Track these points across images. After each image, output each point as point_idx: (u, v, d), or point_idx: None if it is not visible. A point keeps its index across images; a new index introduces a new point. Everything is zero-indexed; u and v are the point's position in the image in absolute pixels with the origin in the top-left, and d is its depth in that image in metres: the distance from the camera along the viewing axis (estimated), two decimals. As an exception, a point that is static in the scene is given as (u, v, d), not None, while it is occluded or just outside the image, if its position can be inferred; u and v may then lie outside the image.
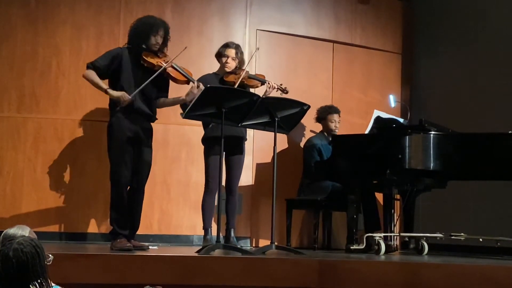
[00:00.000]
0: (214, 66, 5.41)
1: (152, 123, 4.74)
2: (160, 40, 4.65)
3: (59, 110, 5.62)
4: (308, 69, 6.53)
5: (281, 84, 5.20)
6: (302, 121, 5.20)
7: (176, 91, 4.91)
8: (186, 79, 4.66)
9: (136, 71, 4.58)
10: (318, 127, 6.19)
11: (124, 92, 4.46)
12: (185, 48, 4.71)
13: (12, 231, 2.46)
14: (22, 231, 2.47)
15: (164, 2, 5.97)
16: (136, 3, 5.88)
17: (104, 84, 4.55)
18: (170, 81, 4.75)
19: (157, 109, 4.80)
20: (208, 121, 5.00)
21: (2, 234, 2.43)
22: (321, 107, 6.12)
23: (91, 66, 4.57)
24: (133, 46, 4.63)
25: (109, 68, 4.56)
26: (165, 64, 4.56)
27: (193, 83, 4.63)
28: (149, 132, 4.70)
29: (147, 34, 4.59)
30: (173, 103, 4.85)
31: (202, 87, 4.50)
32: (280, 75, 6.22)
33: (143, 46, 4.60)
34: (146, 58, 4.57)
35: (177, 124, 5.76)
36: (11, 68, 5.56)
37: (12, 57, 5.57)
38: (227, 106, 4.43)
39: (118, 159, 4.50)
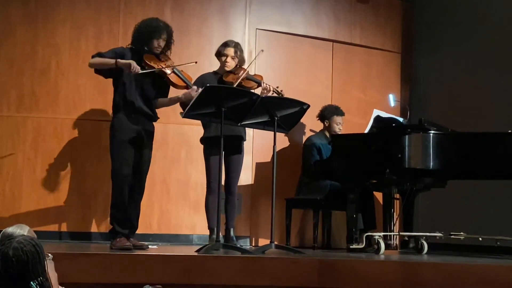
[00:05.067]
0: (214, 65, 5.40)
1: (153, 123, 4.75)
2: (162, 44, 4.68)
3: (58, 109, 5.62)
4: (307, 69, 6.52)
5: (277, 87, 5.16)
6: (302, 120, 5.18)
7: (174, 90, 4.90)
8: (185, 85, 4.68)
9: None
10: (318, 126, 6.17)
11: (132, 61, 4.46)
12: (195, 62, 4.81)
13: (11, 229, 2.46)
14: (21, 229, 2.47)
15: (163, 2, 5.96)
16: (135, 3, 5.87)
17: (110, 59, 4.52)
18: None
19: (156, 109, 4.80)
20: (208, 121, 5.00)
21: (1, 233, 2.43)
22: (328, 105, 6.08)
23: (97, 55, 4.59)
24: (136, 47, 4.65)
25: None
26: (166, 68, 4.59)
27: (191, 87, 4.65)
28: (151, 134, 4.72)
29: (150, 38, 4.61)
30: (170, 102, 4.86)
31: (200, 91, 4.51)
32: (279, 75, 6.22)
33: (145, 48, 4.63)
34: (147, 61, 4.60)
35: (176, 124, 5.76)
36: (11, 68, 5.56)
37: (12, 57, 5.57)
38: (227, 105, 4.43)
39: (119, 157, 4.51)
